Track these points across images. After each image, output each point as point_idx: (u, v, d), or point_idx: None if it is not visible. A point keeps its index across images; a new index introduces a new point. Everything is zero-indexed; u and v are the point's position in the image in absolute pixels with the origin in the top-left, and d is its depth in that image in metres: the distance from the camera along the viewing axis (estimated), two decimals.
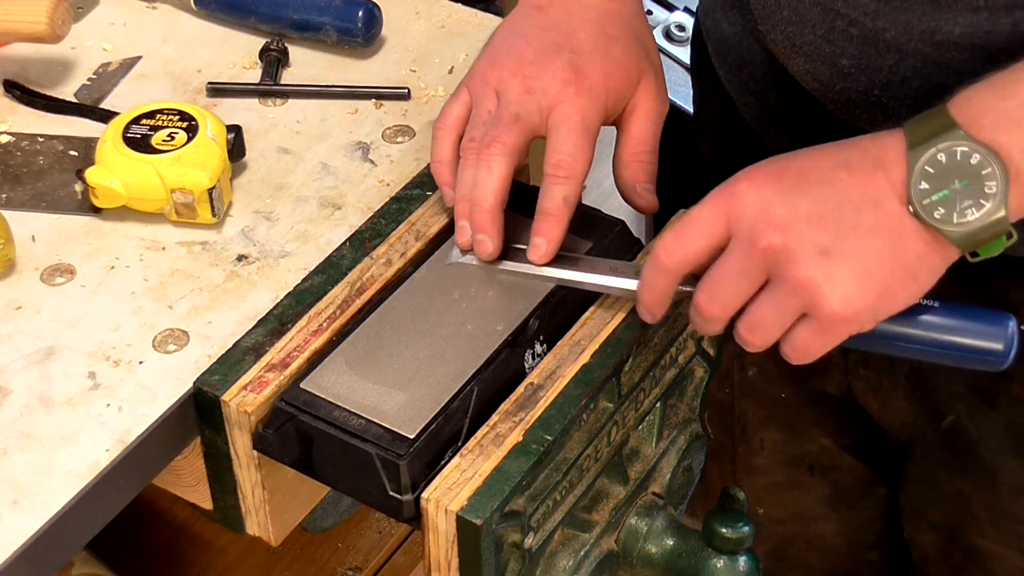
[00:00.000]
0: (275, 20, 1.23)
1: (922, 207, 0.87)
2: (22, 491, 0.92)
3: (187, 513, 1.51)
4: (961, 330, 0.92)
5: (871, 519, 1.41)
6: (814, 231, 0.88)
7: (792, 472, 1.36)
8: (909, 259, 0.88)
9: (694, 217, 0.91)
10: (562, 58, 1.01)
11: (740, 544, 1.01)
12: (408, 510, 0.92)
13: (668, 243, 0.92)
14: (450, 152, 1.04)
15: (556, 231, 0.99)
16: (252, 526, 1.03)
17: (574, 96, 1.00)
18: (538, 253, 0.99)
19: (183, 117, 1.09)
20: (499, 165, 0.99)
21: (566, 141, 0.99)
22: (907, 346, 0.93)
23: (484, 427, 0.94)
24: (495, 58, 1.03)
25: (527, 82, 1.01)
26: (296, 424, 0.95)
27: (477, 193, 1.00)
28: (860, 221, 0.88)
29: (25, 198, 1.11)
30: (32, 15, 1.14)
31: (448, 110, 1.04)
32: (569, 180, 0.99)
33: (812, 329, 0.89)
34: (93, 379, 0.98)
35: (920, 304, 0.91)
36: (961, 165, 0.86)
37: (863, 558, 1.44)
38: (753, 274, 0.89)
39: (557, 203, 0.99)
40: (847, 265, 0.87)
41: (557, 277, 1.00)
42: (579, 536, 0.99)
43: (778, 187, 0.90)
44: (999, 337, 0.92)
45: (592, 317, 1.00)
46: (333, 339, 1.00)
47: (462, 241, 1.01)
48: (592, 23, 1.03)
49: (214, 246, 1.07)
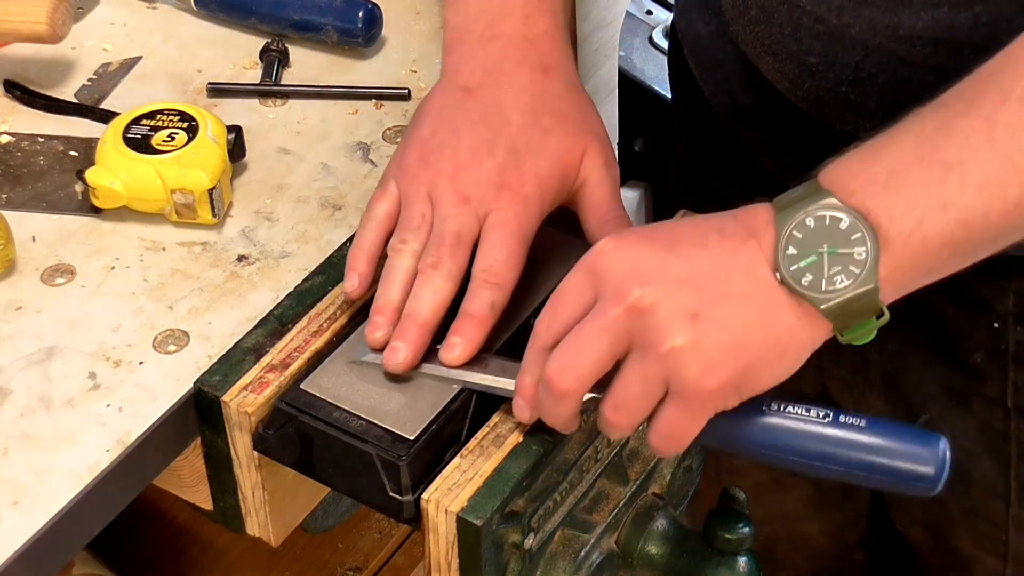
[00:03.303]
0: (275, 20, 1.23)
1: (789, 273, 0.83)
2: (22, 491, 0.92)
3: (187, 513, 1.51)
4: (888, 451, 0.86)
5: (855, 519, 1.41)
6: (684, 293, 0.84)
7: (775, 473, 1.36)
8: (779, 333, 0.84)
9: (563, 287, 0.88)
10: (496, 159, 0.98)
11: (740, 545, 1.01)
12: (408, 511, 0.92)
13: (544, 319, 0.89)
14: (376, 245, 0.99)
15: (477, 335, 0.95)
16: (252, 526, 1.03)
17: (509, 203, 0.97)
18: (452, 354, 0.94)
19: (183, 117, 1.09)
20: (444, 287, 0.96)
21: (499, 248, 0.96)
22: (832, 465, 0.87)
23: (484, 428, 0.94)
24: (426, 155, 0.99)
25: (462, 189, 0.97)
26: (296, 425, 0.95)
27: (415, 306, 0.95)
28: (732, 288, 0.84)
29: (25, 198, 1.11)
30: (32, 15, 1.14)
31: (375, 205, 1.00)
32: (498, 287, 0.95)
33: (675, 406, 0.85)
34: (93, 379, 0.98)
35: (844, 421, 0.86)
36: (830, 230, 0.83)
37: (848, 558, 1.44)
38: (615, 336, 0.84)
39: (483, 307, 0.95)
40: (716, 333, 0.83)
41: (468, 381, 0.95)
42: (579, 537, 0.99)
43: (647, 247, 0.86)
44: (929, 460, 0.85)
45: None
46: (333, 340, 1.00)
47: (375, 337, 0.96)
48: (524, 112, 1.00)
49: (214, 246, 1.07)
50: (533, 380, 0.89)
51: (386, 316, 0.96)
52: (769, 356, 0.84)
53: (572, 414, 0.89)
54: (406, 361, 0.95)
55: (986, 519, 1.20)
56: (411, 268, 0.97)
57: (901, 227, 0.82)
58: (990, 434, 1.15)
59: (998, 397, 1.12)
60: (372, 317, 0.97)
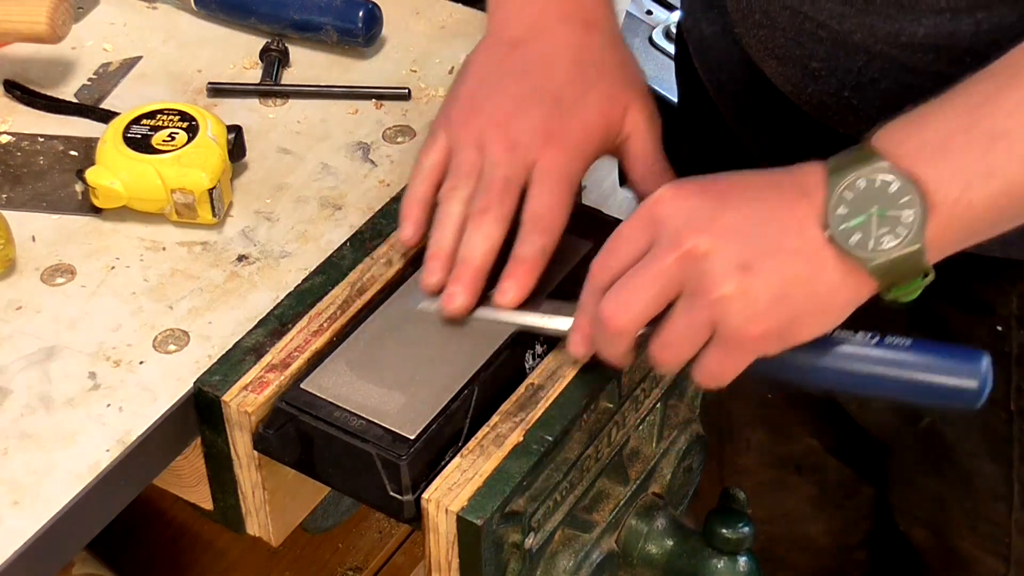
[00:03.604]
0: (275, 20, 1.23)
1: (839, 232, 0.86)
2: (22, 491, 0.92)
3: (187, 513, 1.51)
4: (933, 368, 0.89)
5: (858, 519, 1.41)
6: (736, 244, 0.87)
7: (778, 472, 1.36)
8: (825, 289, 0.87)
9: (620, 231, 0.91)
10: (543, 109, 1.00)
11: (740, 544, 1.01)
12: (408, 510, 0.92)
13: (600, 261, 0.92)
14: (428, 194, 1.02)
15: (528, 279, 0.98)
16: (252, 526, 1.03)
17: (556, 152, 0.99)
18: (507, 297, 0.97)
19: (183, 117, 1.09)
20: (495, 231, 0.98)
21: (548, 195, 0.98)
22: (878, 385, 0.91)
23: (485, 427, 0.94)
24: (474, 107, 1.01)
25: (510, 137, 0.99)
26: (296, 424, 0.95)
27: (467, 251, 0.98)
28: (783, 243, 0.87)
29: (25, 198, 1.11)
30: (32, 15, 1.14)
31: (426, 156, 1.02)
32: (548, 231, 0.98)
33: (719, 349, 0.88)
34: (93, 379, 0.98)
35: (891, 342, 0.90)
36: (879, 192, 0.86)
37: (850, 558, 1.44)
38: (668, 280, 0.88)
39: (534, 252, 0.98)
40: (764, 284, 0.86)
41: (523, 323, 0.98)
42: (580, 536, 0.99)
43: (703, 198, 0.89)
44: (973, 375, 0.89)
45: None
46: (334, 339, 1.00)
47: (431, 282, 0.99)
48: (569, 66, 1.02)
49: (214, 246, 1.07)
50: (588, 319, 0.93)
51: (440, 261, 0.99)
52: (813, 310, 0.88)
53: (626, 350, 0.92)
54: (463, 304, 0.98)
55: (988, 521, 1.20)
56: (462, 214, 0.99)
57: (948, 193, 0.85)
58: (992, 436, 1.15)
59: (1000, 399, 1.12)
60: (427, 263, 0.99)
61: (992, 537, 1.21)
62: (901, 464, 1.25)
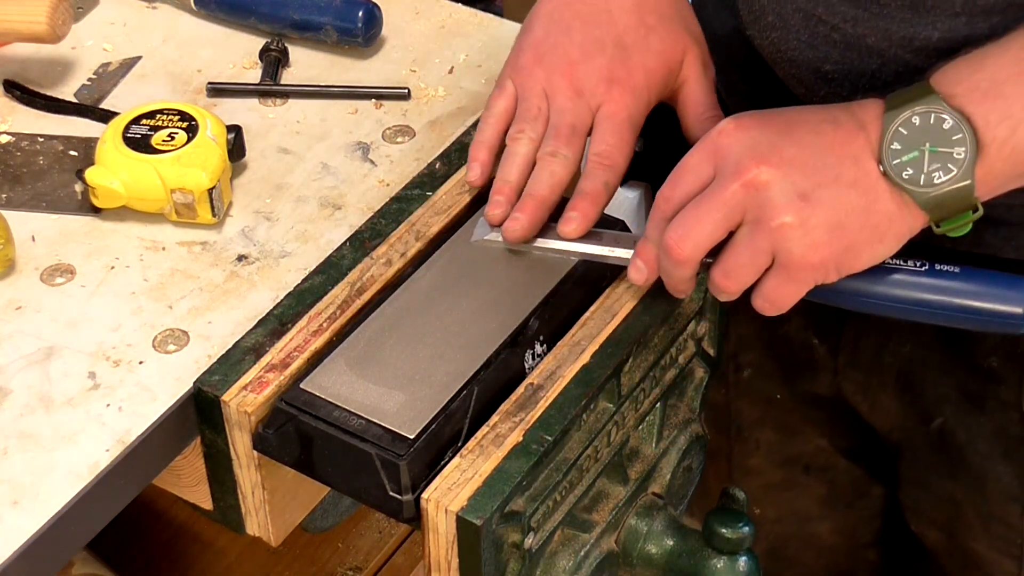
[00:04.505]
0: (275, 20, 1.23)
1: (892, 167, 0.89)
2: (22, 491, 0.92)
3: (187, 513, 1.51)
4: (980, 294, 0.94)
5: (868, 518, 1.40)
6: (796, 174, 0.90)
7: (787, 472, 1.36)
8: (879, 219, 0.90)
9: (684, 162, 0.95)
10: (606, 55, 1.05)
11: (740, 544, 1.01)
12: (408, 510, 0.92)
13: (665, 192, 0.95)
14: (495, 138, 1.06)
15: (592, 211, 1.02)
16: (252, 526, 1.03)
17: (619, 95, 1.04)
18: (571, 226, 1.01)
19: (183, 117, 1.09)
20: (562, 171, 1.03)
21: (611, 135, 1.03)
22: (927, 311, 0.95)
23: (484, 427, 0.94)
24: (540, 54, 1.06)
25: (575, 83, 1.04)
26: (296, 424, 0.95)
27: (534, 185, 1.02)
28: (840, 174, 0.90)
29: (25, 198, 1.11)
30: (32, 15, 1.14)
31: (494, 103, 1.07)
32: (611, 169, 1.02)
33: (779, 276, 0.92)
34: (93, 379, 0.98)
35: (940, 269, 0.94)
36: (933, 129, 0.89)
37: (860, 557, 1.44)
38: (731, 209, 0.91)
39: (598, 185, 1.02)
40: (822, 214, 0.90)
41: (584, 252, 1.01)
42: (579, 536, 0.99)
43: (765, 130, 0.93)
44: (1018, 300, 0.93)
45: (592, 317, 1.00)
46: (333, 339, 1.00)
47: (495, 213, 1.03)
48: (629, 11, 1.06)
49: (214, 246, 1.07)
50: (653, 246, 0.96)
51: (505, 195, 1.03)
52: (869, 239, 0.91)
53: (688, 277, 0.95)
54: (525, 230, 1.02)
55: (1001, 522, 1.20)
56: (529, 154, 1.04)
57: (996, 133, 0.89)
58: (1005, 437, 1.15)
59: (1013, 401, 1.12)
60: (492, 196, 1.04)
61: (1005, 538, 1.20)
62: (913, 465, 1.25)
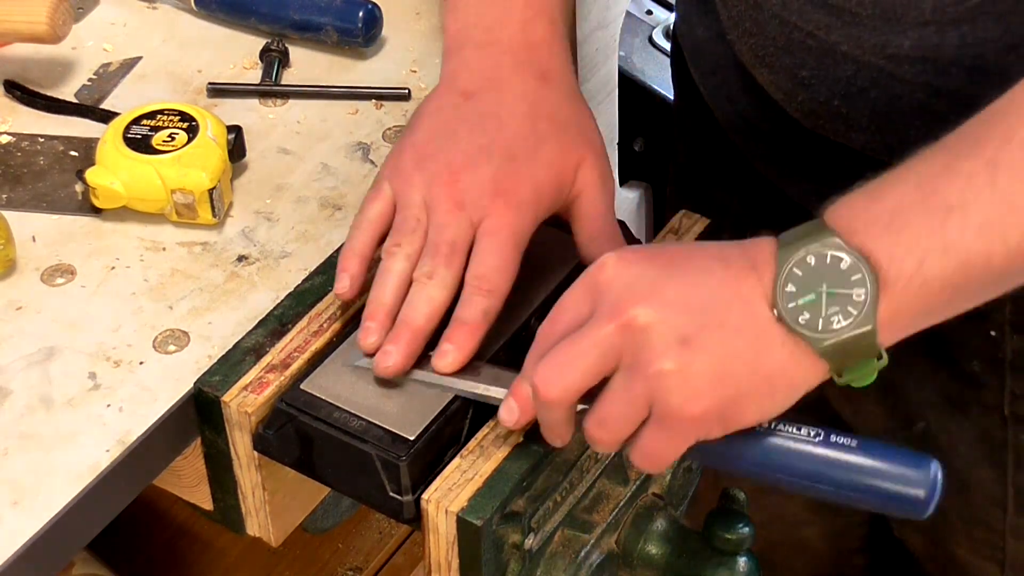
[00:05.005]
0: (275, 20, 1.23)
1: (787, 311, 0.82)
2: (22, 491, 0.92)
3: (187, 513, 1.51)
4: (881, 473, 0.85)
5: (855, 524, 1.41)
6: (678, 317, 0.83)
7: None
8: (769, 369, 0.83)
9: (564, 298, 0.88)
10: (492, 165, 0.97)
11: (740, 545, 1.01)
12: (408, 511, 0.92)
13: (544, 328, 0.89)
14: (369, 247, 0.99)
15: (470, 343, 0.94)
16: (252, 527, 1.03)
17: (503, 210, 0.96)
18: (445, 361, 0.94)
19: (183, 117, 1.09)
20: (440, 296, 0.95)
21: (493, 255, 0.95)
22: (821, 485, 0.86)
23: (484, 428, 0.94)
24: (421, 158, 0.98)
25: (457, 195, 0.96)
26: (296, 425, 0.95)
27: (409, 313, 0.95)
28: (727, 319, 0.83)
29: (25, 198, 1.11)
30: (32, 15, 1.14)
31: (369, 206, 0.99)
32: (491, 294, 0.95)
33: (656, 428, 0.84)
34: (93, 379, 0.98)
35: (836, 441, 0.86)
36: (830, 269, 0.82)
37: (848, 563, 1.44)
38: (604, 351, 0.84)
39: (476, 315, 0.94)
40: (704, 361, 0.82)
41: (460, 389, 0.95)
42: (579, 537, 0.99)
43: (648, 267, 0.86)
44: (921, 483, 0.85)
45: None
46: (333, 340, 1.00)
47: (368, 343, 0.96)
48: (522, 119, 0.99)
49: (214, 247, 1.07)
50: (528, 385, 0.89)
51: (378, 321, 0.96)
52: (757, 391, 0.84)
53: (560, 422, 0.88)
54: (397, 365, 0.95)
55: (984, 526, 1.20)
56: (405, 271, 0.96)
57: (901, 269, 0.81)
58: (988, 442, 1.15)
59: (995, 405, 1.12)
60: (364, 322, 0.96)
61: (988, 543, 1.20)
62: None
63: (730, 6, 1.07)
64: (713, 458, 0.88)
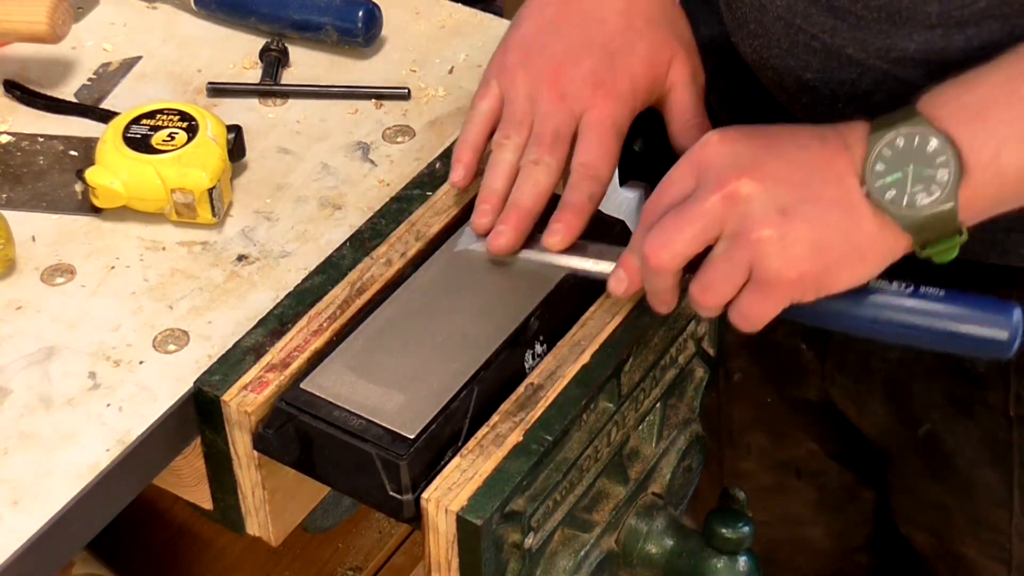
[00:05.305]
0: (275, 20, 1.23)
1: (875, 187, 0.88)
2: (22, 491, 0.92)
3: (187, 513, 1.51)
4: (966, 318, 0.91)
5: (859, 522, 1.41)
6: (778, 189, 0.89)
7: (779, 476, 1.36)
8: (861, 239, 0.89)
9: (669, 174, 0.94)
10: (592, 58, 1.03)
11: (740, 544, 1.01)
12: (408, 510, 0.92)
13: (650, 203, 0.94)
14: (480, 139, 1.05)
15: (577, 223, 1.00)
16: (252, 526, 1.03)
17: (603, 100, 1.02)
18: (555, 239, 1.00)
19: (183, 117, 1.09)
20: (545, 180, 1.01)
21: (596, 144, 1.01)
22: (910, 334, 0.93)
23: (484, 427, 0.94)
24: (526, 55, 1.04)
25: (559, 87, 1.02)
26: (296, 424, 0.95)
27: (518, 196, 1.01)
28: (823, 192, 0.89)
29: (25, 198, 1.11)
30: (32, 15, 1.14)
31: (479, 103, 1.05)
32: (595, 180, 1.01)
33: (755, 291, 0.90)
34: (93, 379, 0.98)
35: (925, 292, 0.92)
36: (917, 150, 0.88)
37: (852, 560, 1.44)
38: (709, 220, 0.90)
39: (582, 197, 1.00)
40: (803, 230, 0.88)
41: (568, 265, 1.01)
42: (579, 536, 0.99)
43: (749, 144, 0.92)
44: (1004, 325, 0.91)
45: (592, 317, 1.00)
46: (333, 339, 1.00)
47: (481, 223, 1.02)
48: (618, 16, 1.05)
49: (214, 246, 1.07)
50: (636, 257, 0.94)
51: (491, 204, 1.02)
52: (849, 259, 0.89)
53: (669, 287, 0.93)
54: (509, 243, 1.00)
55: (990, 527, 1.20)
56: (513, 161, 1.02)
57: (980, 156, 0.87)
58: (993, 443, 1.15)
59: (1000, 406, 1.13)
60: (478, 206, 1.02)
61: (994, 543, 1.21)
62: (902, 471, 1.25)
63: (734, 8, 1.08)
64: (810, 316, 0.93)
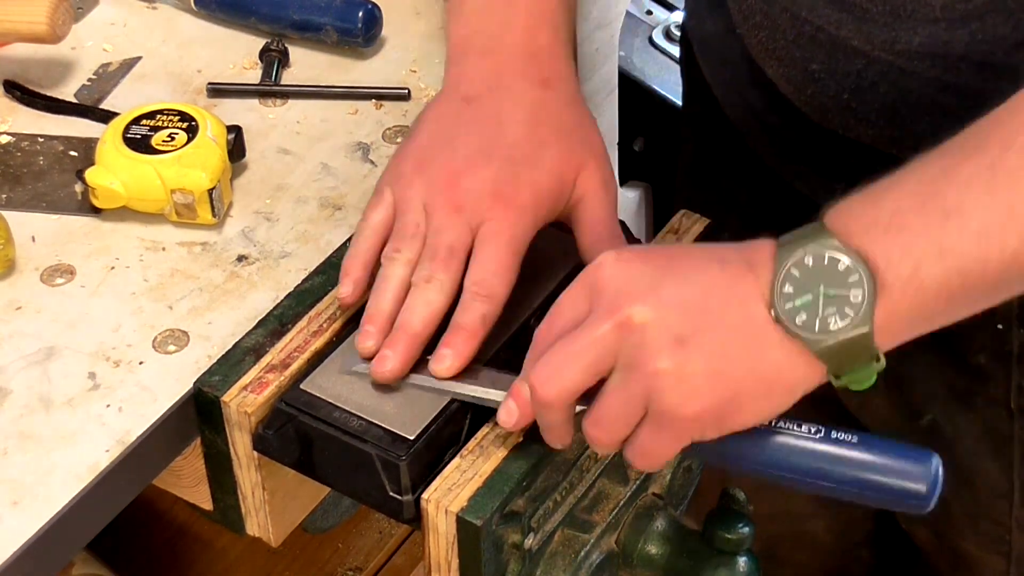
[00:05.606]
0: (275, 20, 1.23)
1: (784, 311, 0.82)
2: (22, 491, 0.92)
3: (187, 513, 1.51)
4: (881, 468, 0.85)
5: (861, 517, 1.41)
6: (675, 316, 0.83)
7: None
8: (766, 369, 0.83)
9: (562, 297, 0.88)
10: (492, 168, 0.97)
11: (740, 544, 1.01)
12: (408, 511, 0.92)
13: (542, 329, 0.89)
14: (371, 253, 0.98)
15: (467, 348, 0.94)
16: (252, 527, 1.03)
17: (503, 213, 0.96)
18: (443, 365, 0.94)
19: (183, 117, 1.09)
20: (438, 299, 0.95)
21: (492, 260, 0.95)
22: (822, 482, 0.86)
23: (484, 428, 0.94)
24: (422, 164, 0.99)
25: (456, 198, 0.96)
26: (296, 425, 0.95)
27: (407, 317, 0.95)
28: (724, 319, 0.82)
29: (25, 198, 1.11)
30: (32, 15, 1.14)
31: (371, 214, 0.99)
32: (489, 299, 0.94)
33: (652, 427, 0.84)
34: (93, 379, 0.98)
35: (837, 437, 0.86)
36: (828, 270, 0.81)
37: (854, 556, 1.44)
38: (601, 350, 0.84)
39: (474, 320, 0.94)
40: (700, 361, 0.82)
41: (458, 392, 0.95)
42: (579, 537, 0.99)
43: (646, 266, 0.86)
44: (921, 477, 0.85)
45: None
46: (333, 340, 1.00)
47: (365, 346, 0.95)
48: (522, 124, 0.99)
49: (214, 247, 1.07)
50: (527, 386, 0.88)
51: (377, 326, 0.96)
52: (754, 392, 0.83)
53: (559, 423, 0.88)
54: (394, 370, 0.95)
55: (990, 520, 1.20)
56: (404, 277, 0.96)
57: (898, 272, 0.81)
58: (993, 435, 1.15)
59: (1002, 398, 1.13)
60: (363, 326, 0.96)
61: (994, 536, 1.21)
62: None
63: (741, 0, 1.08)
64: (712, 456, 0.88)
